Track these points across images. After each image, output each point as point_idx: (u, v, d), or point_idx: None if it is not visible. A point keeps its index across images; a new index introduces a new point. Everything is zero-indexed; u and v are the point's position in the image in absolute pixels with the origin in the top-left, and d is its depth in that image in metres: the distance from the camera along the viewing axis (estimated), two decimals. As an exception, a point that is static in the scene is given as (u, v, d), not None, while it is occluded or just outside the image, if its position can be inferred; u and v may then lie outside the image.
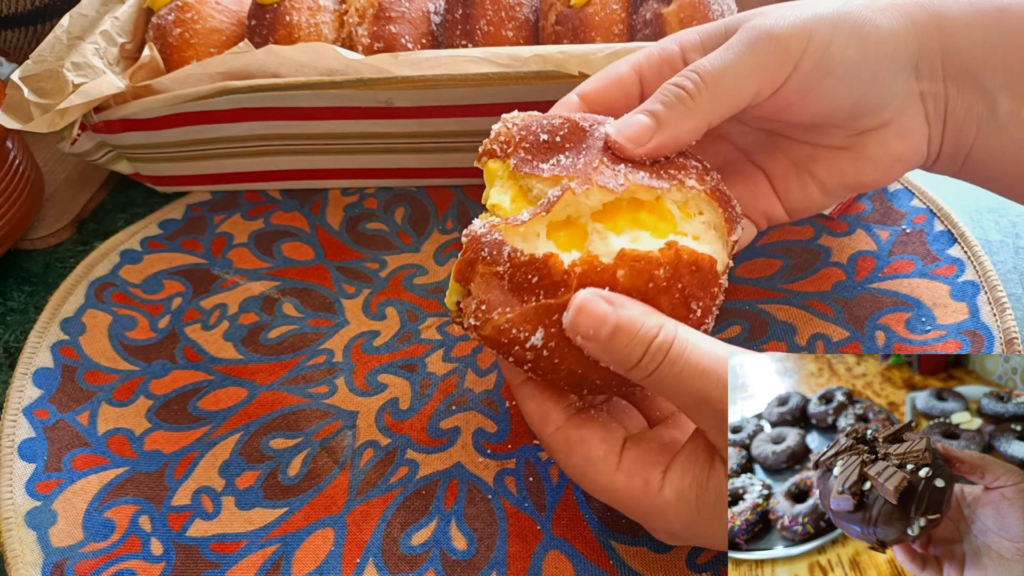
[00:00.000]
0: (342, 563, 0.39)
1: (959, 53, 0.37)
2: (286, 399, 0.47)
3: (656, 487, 0.33)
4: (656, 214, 0.34)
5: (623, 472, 0.34)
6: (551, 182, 0.34)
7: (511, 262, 0.33)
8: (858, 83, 0.36)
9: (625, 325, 0.31)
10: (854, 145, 0.39)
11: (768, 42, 0.35)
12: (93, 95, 0.51)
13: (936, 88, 0.38)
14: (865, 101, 0.37)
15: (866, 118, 0.38)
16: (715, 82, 0.35)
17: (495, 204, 0.35)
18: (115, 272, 0.55)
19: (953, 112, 0.38)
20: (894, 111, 0.38)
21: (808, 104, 0.37)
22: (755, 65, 0.35)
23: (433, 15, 0.57)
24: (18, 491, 0.43)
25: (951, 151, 0.39)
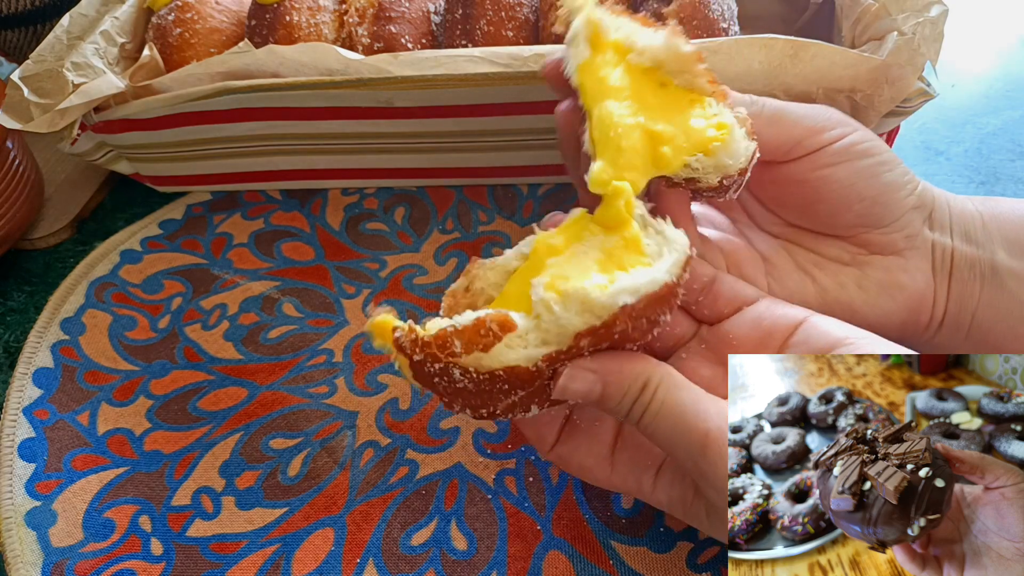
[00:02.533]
0: (342, 563, 0.40)
1: (959, 217, 0.40)
2: (286, 399, 0.47)
3: (649, 489, 0.35)
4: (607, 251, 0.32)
5: (617, 475, 0.36)
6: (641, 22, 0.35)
7: (468, 379, 0.30)
8: (886, 181, 0.38)
9: (611, 389, 0.32)
10: (860, 265, 0.40)
11: (826, 111, 0.39)
12: (93, 95, 0.51)
13: (945, 241, 0.39)
14: (883, 205, 0.38)
15: (878, 232, 0.39)
16: (774, 110, 0.38)
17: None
18: (115, 272, 0.55)
19: (959, 268, 0.39)
20: (905, 241, 0.39)
21: (839, 177, 0.38)
22: (815, 115, 0.38)
23: (433, 15, 0.57)
24: (18, 491, 0.43)
25: (955, 312, 0.40)
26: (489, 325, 0.29)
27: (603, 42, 0.35)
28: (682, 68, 0.35)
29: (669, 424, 0.32)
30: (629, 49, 0.35)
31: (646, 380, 0.32)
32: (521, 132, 0.54)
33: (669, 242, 0.32)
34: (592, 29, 0.34)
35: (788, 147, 0.38)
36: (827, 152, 0.38)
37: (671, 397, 0.32)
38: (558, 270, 0.31)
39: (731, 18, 0.53)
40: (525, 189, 0.58)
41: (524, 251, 0.33)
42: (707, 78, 0.35)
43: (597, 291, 0.29)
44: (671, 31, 0.34)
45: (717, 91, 0.35)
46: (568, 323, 0.30)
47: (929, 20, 0.47)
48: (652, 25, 0.36)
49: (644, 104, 0.34)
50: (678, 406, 0.31)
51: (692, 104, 0.35)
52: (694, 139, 0.34)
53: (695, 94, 0.35)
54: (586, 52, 0.34)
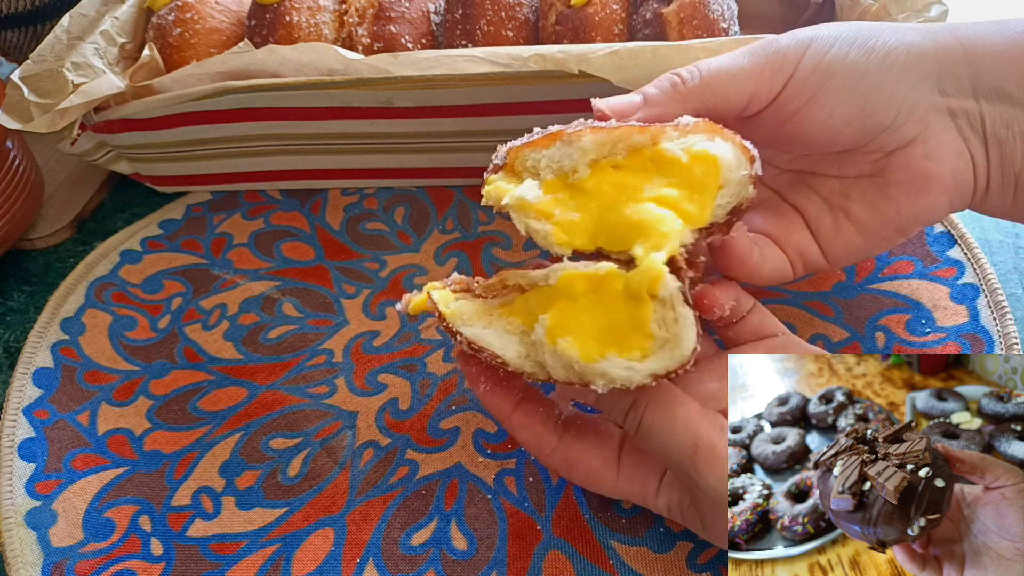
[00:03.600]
0: (342, 563, 0.39)
1: (988, 71, 0.35)
2: (286, 399, 0.47)
3: (652, 493, 0.36)
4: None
5: (623, 479, 0.36)
6: (544, 143, 0.34)
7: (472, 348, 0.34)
8: (862, 89, 0.35)
9: (603, 406, 0.34)
10: (883, 169, 0.37)
11: (768, 48, 0.36)
12: (93, 95, 0.51)
13: (967, 105, 0.36)
14: (874, 112, 0.35)
15: (884, 135, 0.36)
16: (710, 76, 0.35)
17: (490, 188, 0.35)
18: (115, 272, 0.55)
19: (993, 129, 0.36)
20: (916, 127, 0.35)
21: (814, 113, 0.36)
22: (752, 66, 0.35)
23: (433, 15, 0.57)
24: (18, 491, 0.43)
25: (999, 176, 0.36)
26: (488, 353, 0.33)
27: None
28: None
29: (659, 439, 0.32)
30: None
31: (635, 399, 0.33)
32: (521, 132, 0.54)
33: (675, 341, 0.31)
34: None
35: (743, 105, 0.36)
36: (785, 98, 0.35)
37: (658, 416, 0.32)
38: (566, 316, 0.32)
39: (731, 18, 0.53)
40: (525, 189, 0.58)
41: (551, 280, 0.33)
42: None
43: (581, 362, 0.31)
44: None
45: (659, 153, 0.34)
46: (552, 372, 0.32)
47: (929, 19, 0.47)
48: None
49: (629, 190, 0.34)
50: (665, 422, 0.32)
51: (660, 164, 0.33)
52: (701, 180, 0.33)
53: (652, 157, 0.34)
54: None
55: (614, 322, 0.32)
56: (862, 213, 0.38)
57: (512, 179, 0.35)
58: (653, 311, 0.31)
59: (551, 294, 0.33)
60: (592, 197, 0.33)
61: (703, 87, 0.35)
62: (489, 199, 0.35)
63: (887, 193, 0.37)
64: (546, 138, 0.34)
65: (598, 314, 0.32)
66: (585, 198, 0.34)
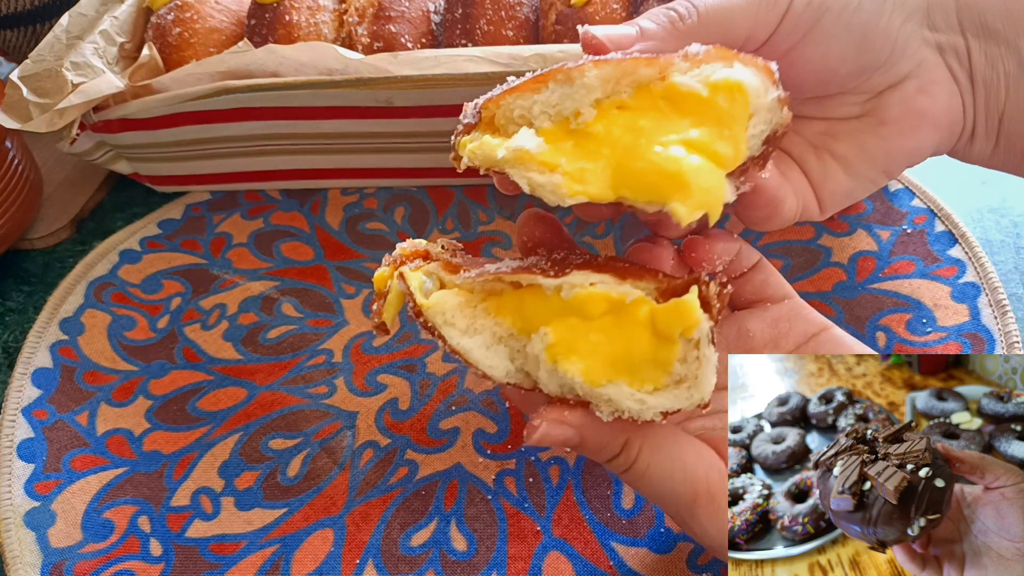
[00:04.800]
0: (341, 564, 0.39)
1: (974, 5, 0.35)
2: (285, 399, 0.47)
3: None
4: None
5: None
6: (533, 87, 0.30)
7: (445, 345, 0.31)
8: (858, 24, 0.34)
9: (589, 445, 0.31)
10: (873, 110, 0.36)
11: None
12: (92, 95, 0.51)
13: (955, 40, 0.35)
14: (870, 46, 0.34)
15: (878, 72, 0.35)
16: (708, 12, 0.33)
17: (473, 147, 0.31)
18: (114, 272, 0.55)
19: (978, 67, 0.35)
20: (910, 63, 0.35)
21: (809, 52, 0.34)
22: (748, 3, 0.34)
23: (433, 14, 0.57)
24: (17, 491, 0.43)
25: (984, 119, 0.36)
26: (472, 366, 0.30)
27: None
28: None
29: (654, 485, 0.31)
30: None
31: (627, 439, 0.31)
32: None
33: (693, 382, 0.29)
34: None
35: (739, 43, 0.34)
36: (780, 34, 0.34)
37: (655, 459, 0.31)
38: (574, 334, 0.29)
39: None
40: (525, 189, 0.58)
41: (564, 294, 0.30)
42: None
43: (585, 385, 0.29)
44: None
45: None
46: (544, 386, 0.30)
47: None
48: None
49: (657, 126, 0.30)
50: (664, 468, 0.31)
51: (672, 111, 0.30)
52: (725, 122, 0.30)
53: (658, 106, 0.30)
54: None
55: (630, 350, 0.29)
56: (849, 153, 0.36)
57: (494, 135, 0.31)
58: (679, 350, 0.29)
59: (558, 306, 0.30)
60: (604, 143, 0.29)
61: (701, 26, 0.33)
62: (474, 159, 0.30)
63: (878, 132, 0.36)
64: (534, 81, 0.29)
65: (613, 337, 0.29)
66: (595, 144, 0.29)
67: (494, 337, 0.31)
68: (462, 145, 0.31)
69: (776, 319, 0.35)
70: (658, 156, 0.28)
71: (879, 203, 0.53)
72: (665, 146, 0.28)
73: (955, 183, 0.56)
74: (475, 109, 0.31)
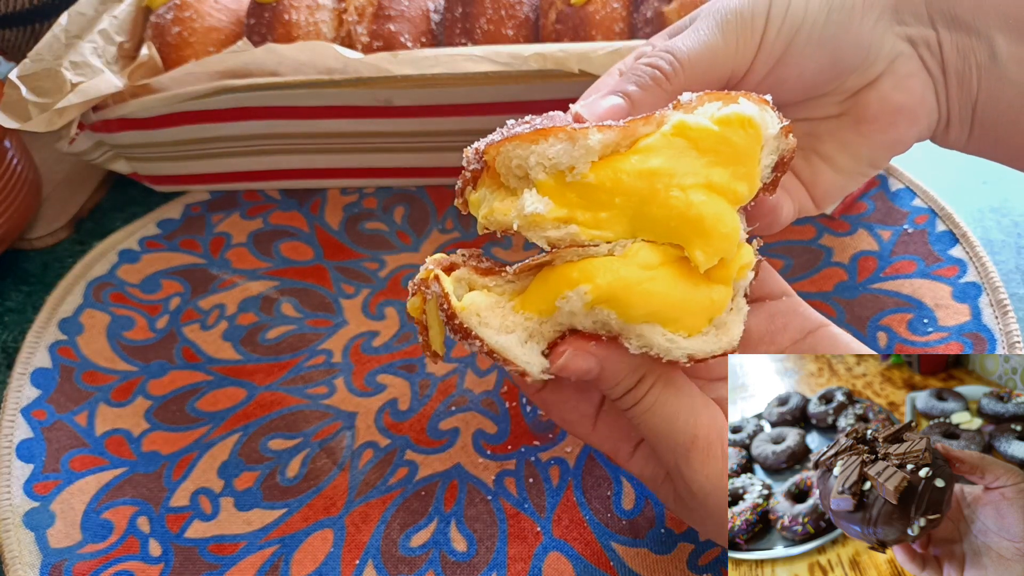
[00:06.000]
0: (341, 564, 0.39)
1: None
2: (285, 399, 0.47)
3: (625, 458, 0.35)
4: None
5: (596, 434, 0.35)
6: (532, 138, 0.30)
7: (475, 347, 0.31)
8: (829, 38, 0.34)
9: (607, 377, 0.31)
10: (851, 108, 0.37)
11: (734, 19, 0.34)
12: (91, 94, 0.51)
13: (926, 33, 0.35)
14: (844, 55, 0.35)
15: (853, 75, 0.36)
16: (691, 64, 0.33)
17: (486, 213, 0.32)
18: (113, 272, 0.55)
19: (950, 58, 0.35)
20: (883, 60, 0.35)
21: (786, 72, 0.35)
22: (727, 42, 0.34)
23: (432, 13, 0.57)
24: (16, 492, 0.43)
25: (957, 109, 0.36)
26: (507, 364, 0.30)
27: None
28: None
29: (657, 422, 0.31)
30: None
31: (643, 375, 0.31)
32: (520, 131, 0.54)
33: (724, 329, 0.31)
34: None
35: (723, 83, 0.35)
36: (756, 66, 0.34)
37: (664, 396, 0.31)
38: (615, 286, 0.29)
39: (731, 17, 0.53)
40: (524, 188, 0.58)
41: (616, 252, 0.30)
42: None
43: (619, 320, 0.29)
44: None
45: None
46: (579, 322, 0.30)
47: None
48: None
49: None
50: (670, 406, 0.31)
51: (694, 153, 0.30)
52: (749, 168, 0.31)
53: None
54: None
55: (673, 297, 0.30)
56: (833, 152, 0.37)
57: (496, 188, 0.32)
58: (728, 298, 0.30)
59: (597, 267, 0.30)
60: (613, 191, 0.30)
61: (687, 79, 0.33)
62: (490, 224, 0.31)
63: (859, 130, 0.37)
64: (535, 133, 0.30)
65: (658, 284, 0.29)
66: (602, 194, 0.30)
67: (526, 332, 0.31)
68: (473, 204, 0.32)
69: (773, 314, 0.36)
70: (678, 201, 0.29)
71: (880, 203, 0.53)
72: (684, 190, 0.29)
73: (956, 183, 0.56)
74: (478, 156, 0.32)
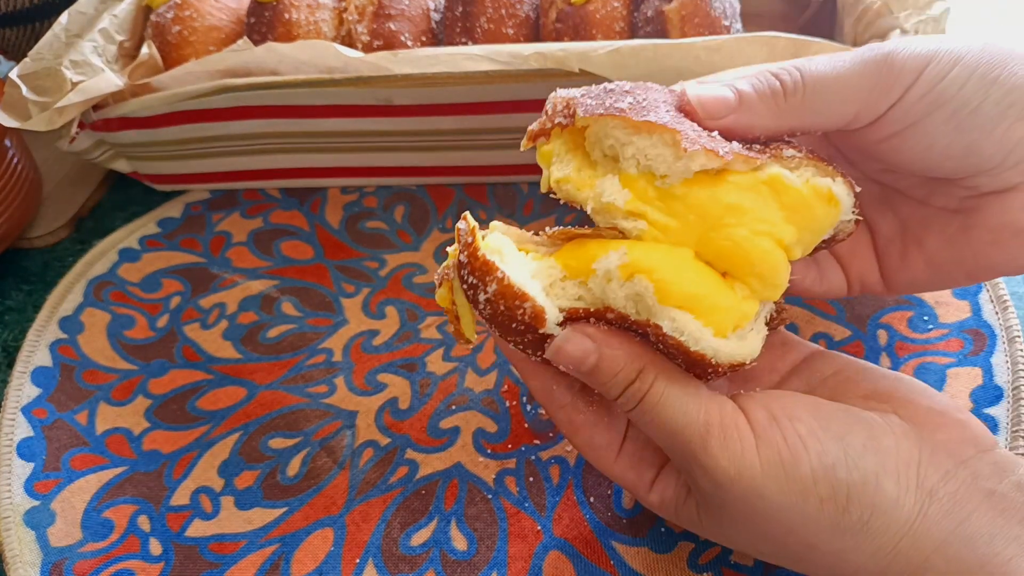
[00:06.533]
0: (341, 563, 0.39)
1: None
2: (285, 398, 0.47)
3: (646, 487, 0.34)
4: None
5: (620, 464, 0.35)
6: (639, 127, 0.29)
7: (491, 306, 0.30)
8: (972, 127, 0.31)
9: (604, 367, 0.31)
10: (971, 209, 0.34)
11: (882, 63, 0.31)
12: (91, 93, 0.51)
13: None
14: (982, 150, 0.32)
15: (984, 176, 0.32)
16: (815, 87, 0.31)
17: (560, 179, 0.31)
18: (113, 271, 0.54)
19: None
20: (1020, 175, 0.32)
21: (912, 140, 0.32)
22: (862, 81, 0.31)
23: (433, 12, 0.57)
24: (17, 490, 0.43)
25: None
26: (523, 306, 0.29)
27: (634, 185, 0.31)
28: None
29: (666, 416, 0.30)
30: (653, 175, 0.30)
31: (642, 367, 0.31)
32: (521, 130, 0.53)
33: (745, 342, 0.31)
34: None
35: (842, 125, 0.32)
36: (887, 119, 0.32)
37: (670, 389, 0.31)
38: (651, 256, 0.30)
39: (733, 16, 0.53)
40: (525, 187, 0.58)
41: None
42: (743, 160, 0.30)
43: (656, 300, 0.29)
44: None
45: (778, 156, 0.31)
46: (611, 298, 0.30)
47: (932, 18, 0.47)
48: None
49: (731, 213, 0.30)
50: (677, 399, 0.31)
51: (758, 184, 0.30)
52: (809, 217, 0.31)
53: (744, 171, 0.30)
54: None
55: (708, 287, 0.30)
56: (937, 249, 0.35)
57: (574, 150, 0.31)
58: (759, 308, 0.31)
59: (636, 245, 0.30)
60: (690, 208, 0.30)
61: (806, 102, 0.31)
62: (559, 191, 0.31)
63: (969, 235, 0.34)
64: (645, 124, 0.29)
65: (697, 272, 0.30)
66: (679, 205, 0.30)
67: (549, 282, 0.31)
68: (543, 155, 0.32)
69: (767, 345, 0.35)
70: (746, 241, 0.30)
71: (881, 201, 0.53)
72: (755, 233, 0.30)
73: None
74: (567, 112, 0.31)
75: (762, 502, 0.30)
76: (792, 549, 0.31)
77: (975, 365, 0.43)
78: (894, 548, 0.30)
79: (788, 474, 0.30)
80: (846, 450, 0.30)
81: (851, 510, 0.30)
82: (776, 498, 0.30)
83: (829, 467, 0.30)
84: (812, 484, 0.29)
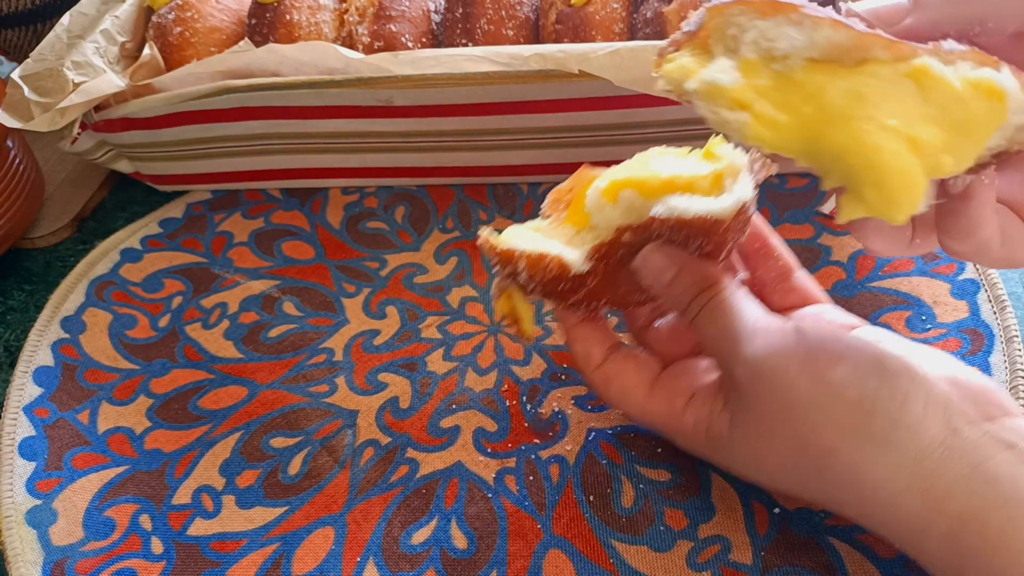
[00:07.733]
0: (342, 562, 0.40)
1: None
2: (286, 398, 0.47)
3: (679, 412, 0.37)
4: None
5: (653, 400, 0.38)
6: (763, 9, 0.26)
7: (535, 281, 0.36)
8: None
9: (684, 276, 0.35)
10: None
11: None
12: (93, 94, 0.51)
13: None
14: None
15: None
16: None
17: (674, 68, 0.29)
18: (115, 271, 0.55)
19: None
20: None
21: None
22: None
23: (433, 14, 0.57)
24: (18, 489, 0.43)
25: None
26: (549, 263, 0.34)
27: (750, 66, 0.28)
28: (852, 47, 0.26)
29: (727, 318, 0.34)
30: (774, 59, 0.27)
31: (716, 280, 0.34)
32: (521, 131, 0.54)
33: (734, 187, 0.32)
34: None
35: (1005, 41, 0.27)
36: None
37: (738, 295, 0.34)
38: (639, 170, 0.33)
39: (731, 17, 0.53)
40: (525, 188, 0.58)
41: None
42: (882, 43, 0.26)
43: (641, 198, 0.32)
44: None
45: (904, 49, 0.26)
46: (611, 220, 0.34)
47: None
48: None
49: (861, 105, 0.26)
50: (738, 303, 0.34)
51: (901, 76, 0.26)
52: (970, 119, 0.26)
53: (880, 62, 0.26)
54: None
55: (680, 168, 0.33)
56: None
57: (698, 54, 0.29)
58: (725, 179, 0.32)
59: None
60: (809, 99, 0.26)
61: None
62: (669, 79, 0.29)
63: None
64: (768, 4, 0.26)
65: (665, 166, 0.33)
66: (797, 96, 0.26)
67: (566, 239, 0.36)
68: (668, 59, 0.30)
69: (817, 315, 0.40)
70: (869, 137, 0.25)
71: (879, 202, 0.53)
72: (883, 131, 0.25)
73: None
74: (701, 15, 0.29)
75: (792, 393, 0.32)
76: (812, 455, 0.32)
77: (973, 365, 0.43)
78: (914, 470, 0.30)
79: (821, 375, 0.32)
80: (883, 368, 0.31)
81: (876, 418, 0.31)
82: (807, 391, 0.32)
83: (861, 377, 0.31)
84: (841, 388, 0.31)
